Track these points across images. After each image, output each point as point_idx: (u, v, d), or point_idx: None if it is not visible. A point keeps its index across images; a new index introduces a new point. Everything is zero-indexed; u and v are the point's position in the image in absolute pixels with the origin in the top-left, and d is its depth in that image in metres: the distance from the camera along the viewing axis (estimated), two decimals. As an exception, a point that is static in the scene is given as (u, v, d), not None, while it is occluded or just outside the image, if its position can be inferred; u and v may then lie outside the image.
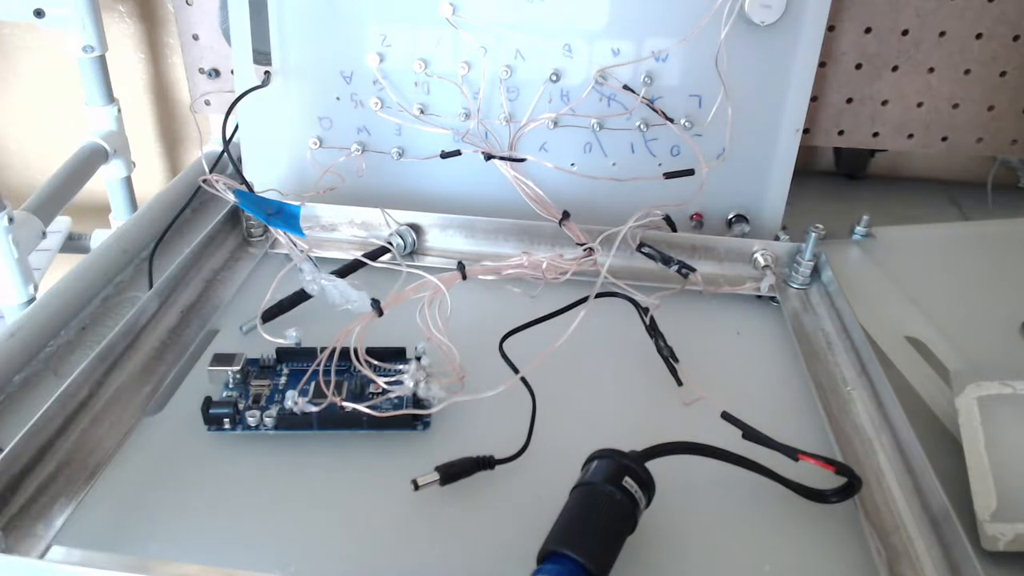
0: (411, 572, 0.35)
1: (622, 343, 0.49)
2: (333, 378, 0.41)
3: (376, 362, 0.42)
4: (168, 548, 0.35)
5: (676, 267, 0.52)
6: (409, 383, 0.41)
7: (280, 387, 0.43)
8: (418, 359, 0.42)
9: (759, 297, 0.55)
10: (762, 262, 0.55)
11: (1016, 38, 0.64)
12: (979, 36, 0.64)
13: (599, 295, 0.46)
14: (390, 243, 0.54)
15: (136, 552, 0.34)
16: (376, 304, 0.43)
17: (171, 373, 0.45)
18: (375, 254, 0.53)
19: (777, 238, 0.58)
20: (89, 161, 0.74)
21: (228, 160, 0.61)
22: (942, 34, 0.64)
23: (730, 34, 0.53)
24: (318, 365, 0.41)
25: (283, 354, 0.45)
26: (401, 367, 0.42)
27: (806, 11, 0.53)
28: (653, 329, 0.47)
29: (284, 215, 0.52)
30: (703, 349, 0.49)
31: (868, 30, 0.64)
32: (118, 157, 0.77)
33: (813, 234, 0.54)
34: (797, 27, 0.54)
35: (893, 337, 0.51)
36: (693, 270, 0.52)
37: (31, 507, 0.35)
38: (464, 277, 0.46)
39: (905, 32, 0.64)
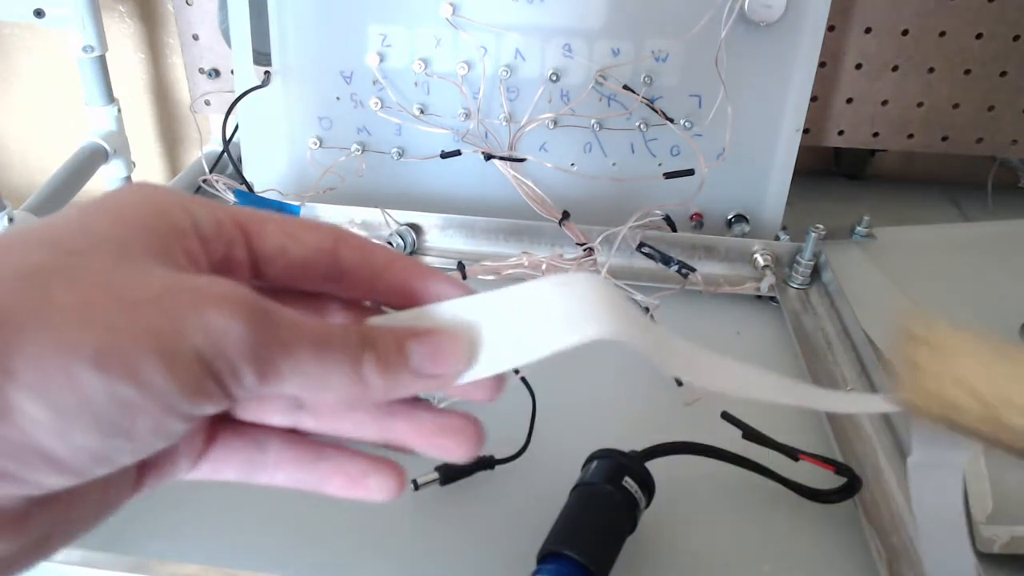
0: (411, 572, 0.35)
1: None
2: (333, 378, 0.41)
3: (376, 362, 0.42)
4: (168, 548, 0.35)
5: (676, 267, 0.52)
6: (409, 383, 0.40)
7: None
8: (418, 359, 0.42)
9: (759, 297, 0.55)
10: (762, 262, 0.55)
11: (1016, 38, 0.64)
12: (979, 36, 0.64)
13: (599, 295, 0.46)
14: (390, 243, 0.54)
15: (136, 552, 0.34)
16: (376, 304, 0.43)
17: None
18: (375, 254, 0.53)
19: (777, 238, 0.58)
20: (89, 161, 0.74)
21: (228, 160, 0.61)
22: (942, 34, 0.64)
23: (730, 34, 0.53)
24: (318, 365, 0.41)
25: (283, 354, 0.45)
26: (401, 367, 0.42)
27: (806, 11, 0.53)
28: (653, 329, 0.47)
29: (284, 215, 0.52)
30: (703, 349, 0.49)
31: (868, 30, 0.64)
32: (118, 157, 0.77)
33: (813, 234, 0.54)
34: (797, 27, 0.54)
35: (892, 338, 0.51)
36: (693, 270, 0.52)
37: (31, 507, 0.35)
38: (464, 277, 0.46)
39: (905, 32, 0.64)
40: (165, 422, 0.17)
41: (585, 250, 0.51)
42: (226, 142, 0.56)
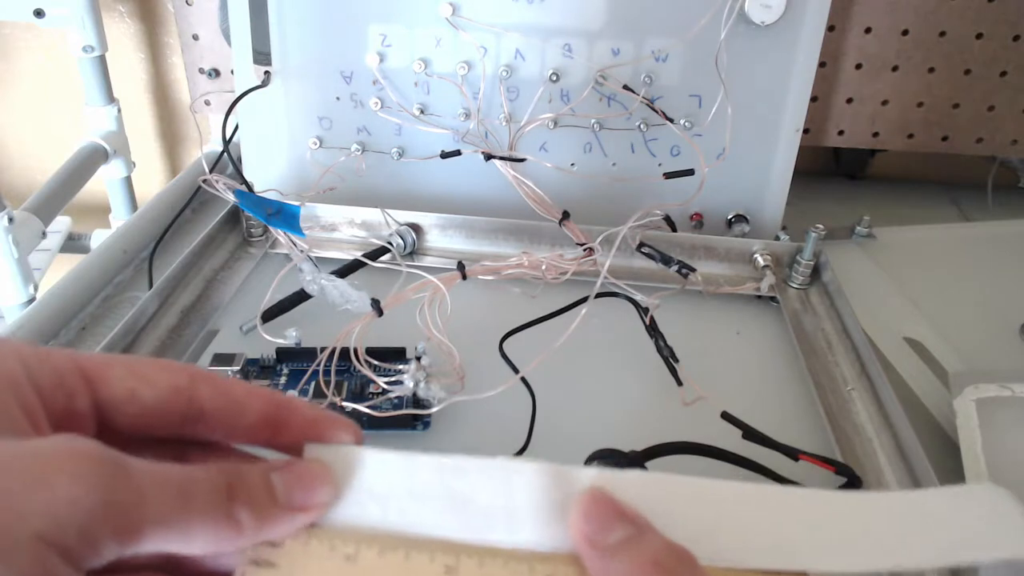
0: None
1: (622, 343, 0.49)
2: (333, 378, 0.41)
3: (376, 362, 0.42)
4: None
5: (676, 267, 0.52)
6: (409, 383, 0.41)
7: (280, 387, 0.43)
8: (418, 359, 0.42)
9: (759, 297, 0.55)
10: (762, 262, 0.55)
11: (1016, 38, 0.64)
12: (979, 36, 0.64)
13: (599, 295, 0.46)
14: (390, 243, 0.54)
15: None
16: (376, 304, 0.43)
17: (171, 373, 0.45)
18: (375, 254, 0.53)
19: (777, 238, 0.58)
20: (89, 161, 0.74)
21: (228, 160, 0.61)
22: (942, 34, 0.64)
23: (730, 34, 0.53)
24: (318, 365, 0.41)
25: (283, 354, 0.45)
26: (401, 367, 0.42)
27: (806, 11, 0.53)
28: (653, 329, 0.47)
29: (284, 215, 0.52)
30: (703, 349, 0.49)
31: (868, 30, 0.64)
32: (118, 157, 0.77)
33: (813, 234, 0.54)
34: (797, 27, 0.54)
35: (892, 338, 0.51)
36: (693, 270, 0.52)
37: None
38: (464, 277, 0.46)
39: (905, 32, 0.64)
40: None
41: (585, 250, 0.51)
42: (226, 142, 0.56)
